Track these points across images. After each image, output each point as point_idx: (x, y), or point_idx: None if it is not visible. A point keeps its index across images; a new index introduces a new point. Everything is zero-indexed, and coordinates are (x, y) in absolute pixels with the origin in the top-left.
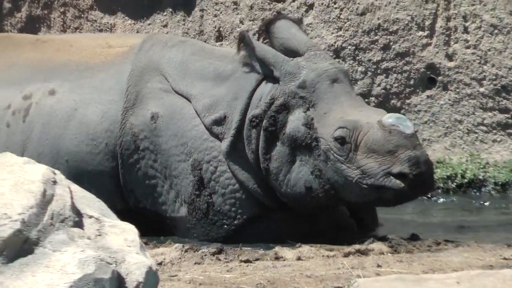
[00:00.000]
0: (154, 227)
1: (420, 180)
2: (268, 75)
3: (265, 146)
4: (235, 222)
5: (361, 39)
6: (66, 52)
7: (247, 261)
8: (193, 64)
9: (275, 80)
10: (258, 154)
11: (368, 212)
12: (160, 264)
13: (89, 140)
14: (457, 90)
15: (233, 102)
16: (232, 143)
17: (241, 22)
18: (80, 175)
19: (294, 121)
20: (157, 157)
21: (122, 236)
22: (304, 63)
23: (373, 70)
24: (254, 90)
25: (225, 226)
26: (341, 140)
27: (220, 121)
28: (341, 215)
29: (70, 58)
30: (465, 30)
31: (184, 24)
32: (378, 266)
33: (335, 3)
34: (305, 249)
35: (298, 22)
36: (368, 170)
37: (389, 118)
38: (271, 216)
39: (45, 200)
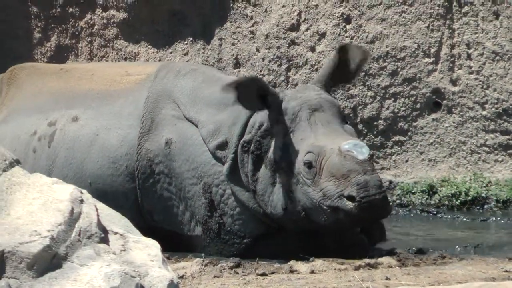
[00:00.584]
0: (171, 244)
1: (367, 203)
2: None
3: (252, 169)
4: (245, 240)
5: (371, 66)
6: (87, 81)
7: (263, 274)
8: (202, 92)
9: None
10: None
11: (377, 227)
12: (181, 277)
13: (110, 163)
14: (461, 113)
15: (232, 128)
16: (231, 166)
17: (258, 50)
18: (103, 196)
19: (275, 146)
20: (171, 180)
21: (146, 251)
22: (290, 93)
23: (382, 94)
24: (250, 117)
25: (236, 244)
26: (308, 164)
27: (222, 146)
28: (350, 232)
29: (92, 86)
30: (469, 57)
31: (203, 52)
32: (387, 278)
33: (345, 31)
34: (318, 263)
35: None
36: (327, 192)
37: (346, 144)
38: (279, 233)
39: (73, 218)
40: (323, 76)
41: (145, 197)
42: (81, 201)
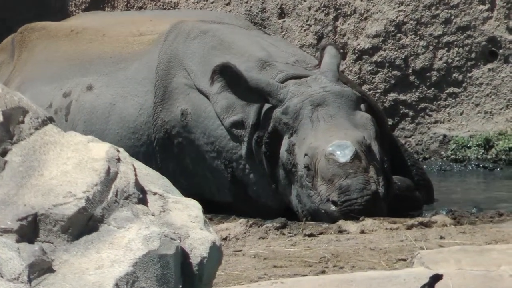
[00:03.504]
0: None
1: (348, 207)
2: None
3: (269, 169)
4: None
5: (422, 14)
6: (99, 43)
7: (311, 235)
8: (213, 60)
9: (274, 106)
10: (265, 170)
11: (424, 186)
12: (224, 239)
13: (131, 134)
14: None
15: (246, 108)
16: (248, 150)
17: None
18: None
19: (282, 148)
20: (192, 152)
21: (186, 212)
22: (294, 88)
23: (434, 44)
24: (261, 106)
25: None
26: (307, 167)
27: (238, 124)
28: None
29: (104, 49)
30: None
31: (246, 2)
32: (441, 238)
33: None
34: (369, 222)
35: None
36: (321, 195)
37: (330, 146)
38: None
39: (109, 178)
40: (331, 64)
41: (166, 170)
42: (118, 160)
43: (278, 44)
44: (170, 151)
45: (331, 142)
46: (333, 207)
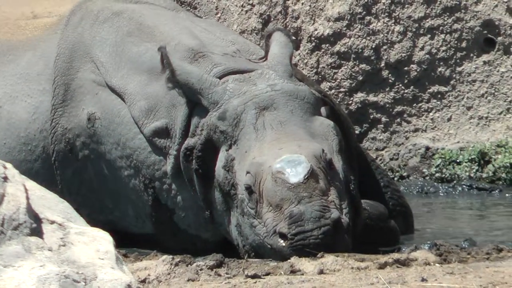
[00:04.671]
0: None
1: (301, 241)
2: (198, 103)
3: (202, 191)
4: (207, 243)
5: None
6: None
7: (254, 276)
8: (129, 49)
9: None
10: (197, 192)
11: (401, 213)
12: (143, 281)
13: (22, 145)
14: None
15: (172, 110)
16: (175, 165)
17: None
18: None
19: (218, 164)
20: (102, 168)
21: (93, 246)
22: (233, 86)
23: (414, 29)
24: (192, 109)
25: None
26: (249, 190)
27: (162, 132)
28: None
29: None
30: None
31: None
32: (423, 280)
33: None
34: (329, 260)
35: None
36: (268, 226)
37: (278, 163)
38: None
39: None
40: (281, 55)
41: (68, 191)
42: (5, 178)
43: (213, 30)
44: (73, 167)
45: (280, 157)
46: (281, 241)
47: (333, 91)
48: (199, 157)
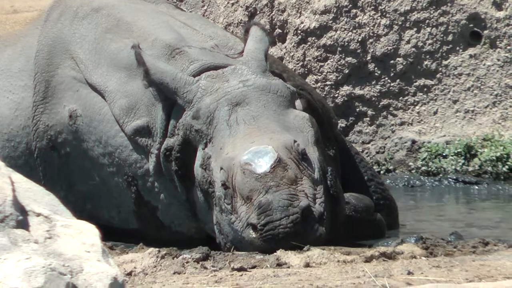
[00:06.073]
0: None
1: (270, 231)
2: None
3: (184, 190)
4: (192, 239)
5: None
6: None
7: (241, 269)
8: (107, 46)
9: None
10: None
11: (385, 207)
12: (129, 274)
13: (5, 141)
14: (509, 47)
15: (152, 109)
16: (157, 164)
17: None
18: None
19: (196, 163)
20: (84, 165)
21: (79, 238)
22: (205, 83)
23: (400, 23)
24: (171, 107)
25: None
26: (224, 185)
27: (143, 131)
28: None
29: None
30: None
31: None
32: (409, 273)
33: None
34: (315, 253)
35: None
36: (242, 220)
37: (245, 155)
38: None
39: None
40: (256, 50)
41: (52, 187)
42: None
43: (193, 24)
44: (56, 164)
45: (248, 150)
46: (253, 233)
47: (319, 84)
48: (178, 158)
